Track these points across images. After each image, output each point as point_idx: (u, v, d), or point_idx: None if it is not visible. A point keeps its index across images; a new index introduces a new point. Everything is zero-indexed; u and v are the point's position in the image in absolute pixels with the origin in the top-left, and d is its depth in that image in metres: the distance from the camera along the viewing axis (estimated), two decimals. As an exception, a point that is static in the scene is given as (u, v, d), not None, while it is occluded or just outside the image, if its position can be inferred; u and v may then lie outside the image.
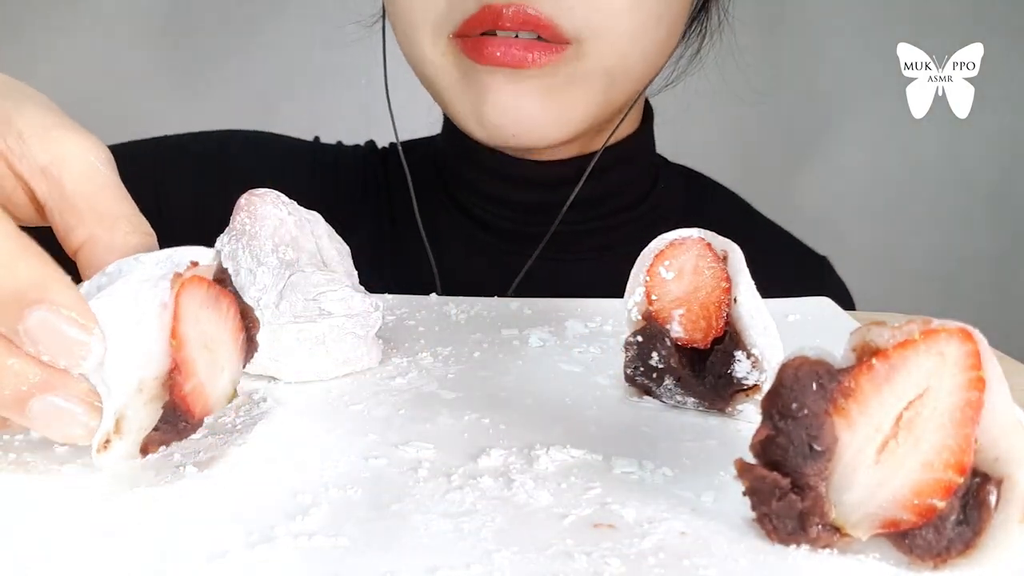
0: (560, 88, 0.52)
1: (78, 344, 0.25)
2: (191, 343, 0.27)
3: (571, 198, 0.57)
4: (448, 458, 0.30)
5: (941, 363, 0.23)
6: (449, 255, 0.61)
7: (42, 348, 0.25)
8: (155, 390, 0.27)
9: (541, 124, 0.52)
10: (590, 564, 0.24)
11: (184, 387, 0.27)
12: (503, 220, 0.60)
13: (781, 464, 0.25)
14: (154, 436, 0.28)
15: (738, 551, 0.25)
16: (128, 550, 0.24)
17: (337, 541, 0.25)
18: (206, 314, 0.28)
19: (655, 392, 0.35)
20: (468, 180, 0.61)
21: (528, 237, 0.59)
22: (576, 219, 0.59)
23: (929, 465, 0.23)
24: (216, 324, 0.28)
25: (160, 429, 0.28)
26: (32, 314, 0.24)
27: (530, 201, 0.60)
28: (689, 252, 0.34)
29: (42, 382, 0.25)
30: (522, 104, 0.52)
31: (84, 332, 0.25)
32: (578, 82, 0.52)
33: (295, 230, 0.37)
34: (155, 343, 0.26)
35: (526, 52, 0.49)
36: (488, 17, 0.49)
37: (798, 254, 0.69)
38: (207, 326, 0.28)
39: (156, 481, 0.28)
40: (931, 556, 0.24)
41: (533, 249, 0.58)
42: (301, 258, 0.37)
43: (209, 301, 0.28)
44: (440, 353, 0.40)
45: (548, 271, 0.59)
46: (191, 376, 0.28)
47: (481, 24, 0.50)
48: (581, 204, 0.58)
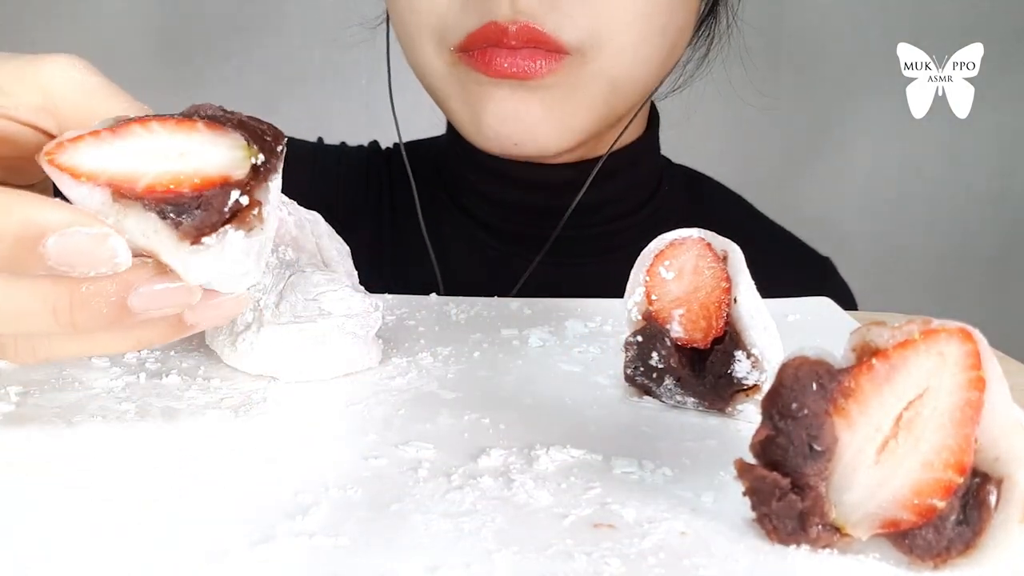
0: (563, 97, 0.52)
1: (100, 249, 0.26)
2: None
3: (574, 203, 0.57)
4: (448, 458, 0.30)
5: (941, 363, 0.23)
6: (451, 257, 0.61)
7: (82, 269, 0.26)
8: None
9: (543, 133, 0.53)
10: (590, 564, 0.24)
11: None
12: (506, 223, 0.60)
13: (781, 464, 0.25)
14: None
15: (738, 551, 0.25)
16: (128, 550, 0.24)
17: (337, 541, 0.25)
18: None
19: (655, 392, 0.35)
20: (471, 183, 0.61)
21: (531, 240, 0.59)
22: (580, 223, 0.59)
23: (929, 465, 0.23)
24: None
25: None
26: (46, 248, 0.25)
27: (534, 205, 0.59)
28: (689, 252, 0.34)
29: (120, 287, 0.27)
30: (524, 114, 0.52)
31: (97, 239, 0.26)
32: (580, 90, 0.52)
33: (295, 230, 0.37)
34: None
35: (532, 62, 0.49)
36: (492, 33, 0.49)
37: (801, 255, 0.69)
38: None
39: (156, 481, 0.28)
40: (931, 556, 0.24)
41: (536, 252, 0.58)
42: (301, 258, 0.37)
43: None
44: (440, 353, 0.40)
45: (551, 274, 0.58)
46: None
47: (485, 40, 0.50)
48: (585, 208, 0.58)
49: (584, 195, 0.57)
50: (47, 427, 0.31)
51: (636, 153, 0.61)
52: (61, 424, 0.31)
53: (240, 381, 0.36)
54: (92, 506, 0.26)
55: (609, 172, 0.58)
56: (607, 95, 0.53)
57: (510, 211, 0.60)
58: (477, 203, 0.61)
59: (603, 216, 0.60)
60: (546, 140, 0.53)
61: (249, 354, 0.36)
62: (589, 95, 0.52)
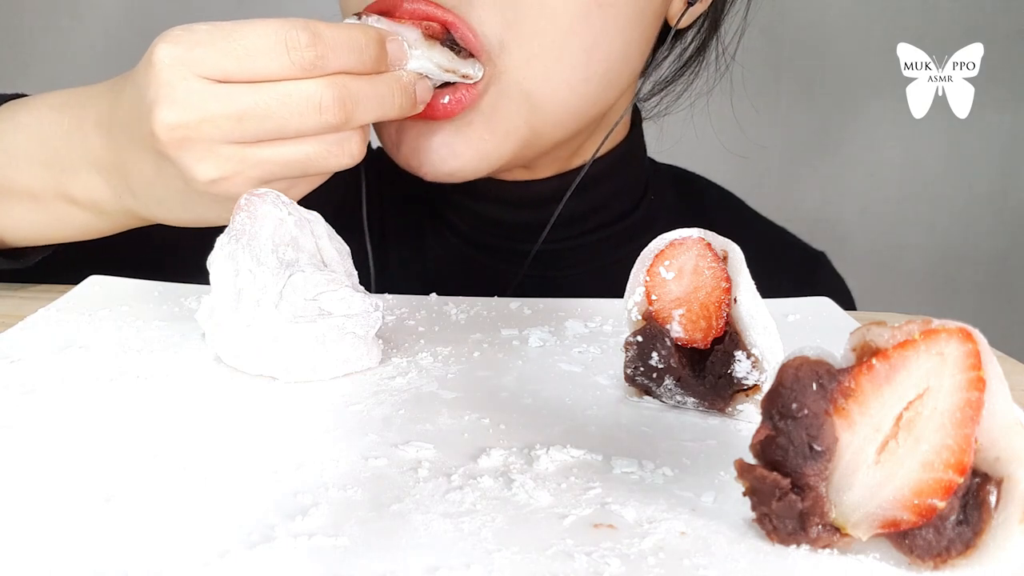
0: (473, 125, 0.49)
1: (403, 49, 0.44)
2: None
3: (553, 218, 0.55)
4: (448, 458, 0.30)
5: (941, 363, 0.23)
6: (437, 270, 0.60)
7: (397, 64, 0.43)
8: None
9: (454, 163, 0.50)
10: (590, 564, 0.24)
11: None
12: (489, 238, 0.59)
13: (781, 464, 0.25)
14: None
15: (738, 551, 0.25)
16: (128, 550, 0.24)
17: (337, 541, 0.25)
18: None
19: (655, 392, 0.35)
20: (453, 200, 0.59)
21: (517, 254, 0.57)
22: (565, 235, 0.58)
23: (929, 465, 0.23)
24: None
25: None
26: (389, 46, 0.43)
27: (516, 221, 0.58)
28: (689, 252, 0.34)
29: (415, 79, 0.44)
30: (432, 145, 0.49)
31: (399, 44, 0.44)
32: (494, 115, 0.49)
33: (295, 230, 0.37)
34: None
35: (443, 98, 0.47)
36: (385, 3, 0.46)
37: (794, 250, 0.69)
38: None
39: (156, 481, 0.28)
40: (931, 556, 0.24)
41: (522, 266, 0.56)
42: (301, 258, 0.37)
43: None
44: (440, 353, 0.40)
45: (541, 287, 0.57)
46: None
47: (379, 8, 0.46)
48: (569, 220, 0.57)
49: (568, 206, 0.55)
50: (45, 426, 0.31)
51: (618, 160, 0.59)
52: (60, 424, 0.31)
53: (240, 381, 0.36)
54: (92, 506, 0.26)
55: (591, 181, 0.56)
56: (527, 115, 0.49)
57: (493, 226, 0.59)
58: (460, 218, 0.59)
59: (589, 226, 0.59)
60: (456, 168, 0.50)
61: (249, 354, 0.36)
62: (504, 118, 0.49)
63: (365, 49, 0.41)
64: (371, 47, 0.41)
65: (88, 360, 0.37)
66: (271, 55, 0.39)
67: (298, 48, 0.39)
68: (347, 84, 0.40)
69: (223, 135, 0.40)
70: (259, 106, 0.39)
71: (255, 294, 0.35)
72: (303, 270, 0.36)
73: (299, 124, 0.40)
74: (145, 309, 0.43)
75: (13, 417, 0.32)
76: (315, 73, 0.40)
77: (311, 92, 0.39)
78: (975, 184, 1.39)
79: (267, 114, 0.39)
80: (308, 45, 0.39)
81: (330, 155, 0.42)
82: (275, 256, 0.36)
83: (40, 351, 0.38)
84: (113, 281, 0.47)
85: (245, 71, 0.39)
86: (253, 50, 0.39)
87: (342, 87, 0.40)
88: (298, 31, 0.39)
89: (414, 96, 0.43)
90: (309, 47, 0.39)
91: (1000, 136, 1.35)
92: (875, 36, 1.28)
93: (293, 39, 0.39)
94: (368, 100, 0.41)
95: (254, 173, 0.41)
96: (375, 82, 0.41)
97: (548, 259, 0.58)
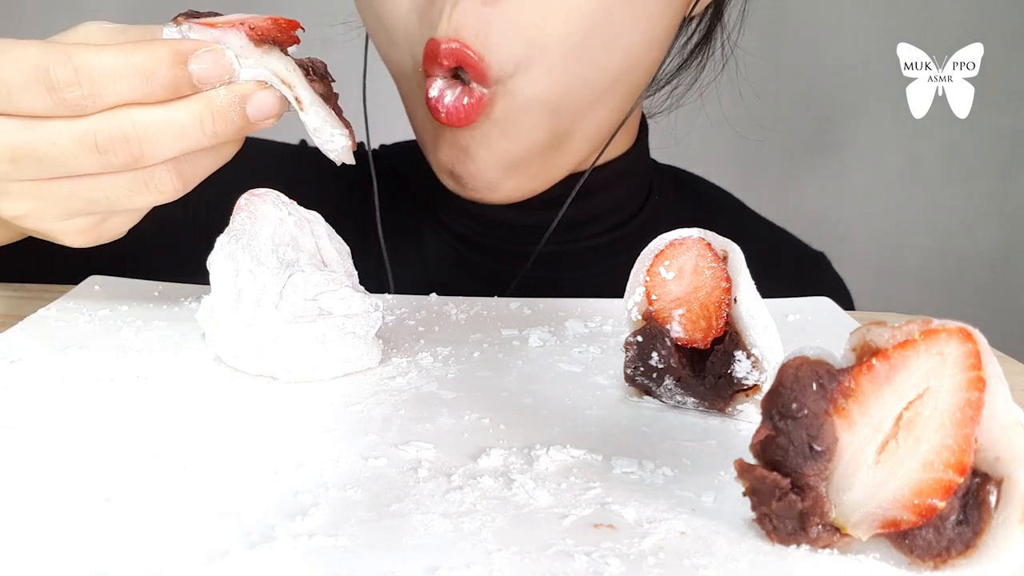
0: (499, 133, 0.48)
1: (222, 61, 0.36)
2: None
3: (555, 223, 0.54)
4: (448, 458, 0.30)
5: (941, 363, 0.23)
6: (437, 271, 0.60)
7: (213, 82, 0.36)
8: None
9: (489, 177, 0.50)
10: (590, 564, 0.24)
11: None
12: (490, 239, 0.59)
13: (781, 464, 0.25)
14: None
15: (738, 551, 0.25)
16: (128, 550, 0.24)
17: (337, 541, 0.25)
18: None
19: (655, 392, 0.35)
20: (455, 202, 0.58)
21: (520, 257, 0.57)
22: (568, 239, 0.57)
23: (929, 465, 0.23)
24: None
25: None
26: (192, 65, 0.36)
27: (519, 223, 0.58)
28: (689, 252, 0.34)
29: (240, 99, 0.37)
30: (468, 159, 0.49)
31: (218, 54, 0.36)
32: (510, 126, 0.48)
33: (295, 230, 0.37)
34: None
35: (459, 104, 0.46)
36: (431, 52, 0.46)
37: (794, 251, 0.69)
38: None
39: (156, 481, 0.28)
40: (931, 556, 0.24)
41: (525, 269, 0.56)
42: (301, 258, 0.37)
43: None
44: (440, 353, 0.40)
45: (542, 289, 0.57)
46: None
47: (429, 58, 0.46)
48: (573, 224, 0.57)
49: (571, 210, 0.55)
50: (45, 426, 0.31)
51: (623, 167, 0.59)
52: (60, 424, 0.31)
53: (240, 381, 0.36)
54: (92, 506, 0.26)
55: (596, 187, 0.56)
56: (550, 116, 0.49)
57: (495, 228, 0.58)
58: (463, 221, 0.59)
59: (592, 230, 0.59)
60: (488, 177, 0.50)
61: (249, 354, 0.36)
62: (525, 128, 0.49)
63: (153, 75, 0.35)
64: (162, 70, 0.35)
65: (88, 360, 0.37)
66: (32, 93, 0.34)
67: (58, 88, 0.34)
68: (131, 118, 0.35)
69: (4, 174, 0.36)
70: (29, 146, 0.35)
71: (255, 294, 0.35)
72: (303, 270, 0.36)
73: (78, 166, 0.36)
74: (145, 309, 0.43)
75: (13, 417, 0.32)
76: (86, 112, 0.35)
77: (82, 132, 0.35)
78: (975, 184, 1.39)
79: (39, 156, 0.35)
80: (70, 84, 0.34)
81: (133, 193, 0.37)
82: (275, 256, 0.36)
83: (40, 351, 0.38)
84: (113, 281, 0.47)
85: (11, 108, 0.35)
86: (12, 87, 0.34)
87: (123, 123, 0.35)
88: (58, 68, 0.34)
89: (243, 115, 0.37)
90: (72, 86, 0.34)
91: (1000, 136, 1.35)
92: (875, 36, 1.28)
93: (53, 78, 0.34)
94: (162, 133, 0.35)
95: (56, 210, 0.37)
96: (172, 109, 0.36)
97: (549, 261, 0.58)
